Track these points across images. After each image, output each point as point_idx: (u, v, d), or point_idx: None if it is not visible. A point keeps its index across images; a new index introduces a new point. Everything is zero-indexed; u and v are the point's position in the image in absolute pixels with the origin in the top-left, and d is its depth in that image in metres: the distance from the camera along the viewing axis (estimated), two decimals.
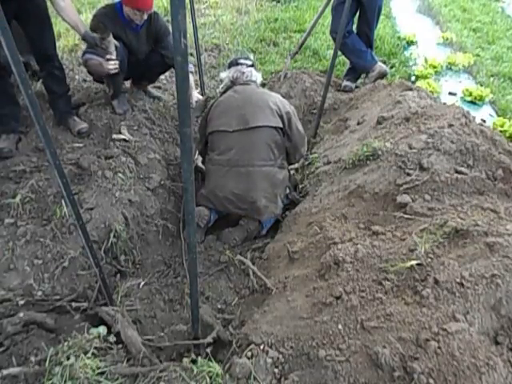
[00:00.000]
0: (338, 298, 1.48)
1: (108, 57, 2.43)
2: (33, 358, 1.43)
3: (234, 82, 2.66)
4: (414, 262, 1.46)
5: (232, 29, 5.32)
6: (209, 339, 1.55)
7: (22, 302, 1.67)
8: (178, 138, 3.12)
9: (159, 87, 3.57)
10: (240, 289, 2.11)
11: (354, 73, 3.87)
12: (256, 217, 2.45)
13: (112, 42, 2.43)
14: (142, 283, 2.09)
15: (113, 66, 2.48)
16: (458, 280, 1.32)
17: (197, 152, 3.00)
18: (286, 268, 1.99)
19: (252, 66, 2.74)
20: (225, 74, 2.75)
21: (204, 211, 2.46)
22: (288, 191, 2.60)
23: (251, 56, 4.58)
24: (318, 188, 2.43)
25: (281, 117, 2.46)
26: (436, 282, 1.35)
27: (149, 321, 1.91)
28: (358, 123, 2.84)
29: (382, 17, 4.03)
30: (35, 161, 2.40)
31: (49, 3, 2.32)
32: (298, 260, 1.94)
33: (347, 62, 3.98)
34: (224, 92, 2.68)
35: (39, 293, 1.76)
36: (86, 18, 5.13)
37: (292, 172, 2.87)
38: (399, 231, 1.74)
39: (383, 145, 2.19)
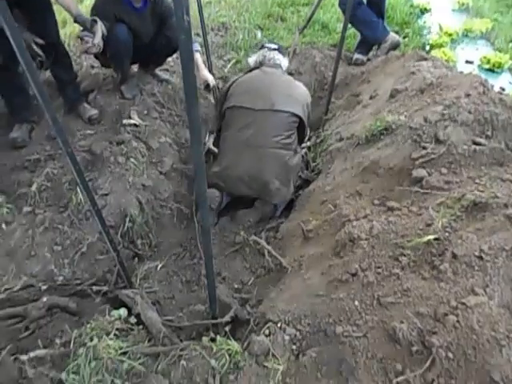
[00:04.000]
0: (353, 274, 1.47)
1: (87, 39, 2.33)
2: (58, 341, 1.48)
3: (261, 64, 2.69)
4: (431, 237, 1.43)
5: (238, 6, 5.18)
6: (227, 318, 1.58)
7: (44, 287, 1.72)
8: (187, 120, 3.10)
9: (167, 70, 3.51)
10: (256, 268, 2.13)
11: (366, 45, 3.74)
12: (267, 199, 2.44)
13: (99, 29, 2.34)
14: (160, 266, 2.14)
15: (89, 47, 2.35)
16: (476, 253, 1.29)
17: (207, 134, 2.98)
18: (300, 247, 1.99)
19: (277, 49, 2.76)
20: (252, 59, 2.80)
21: (215, 193, 2.46)
22: (300, 171, 2.58)
23: (259, 33, 4.50)
24: (331, 165, 2.40)
25: (303, 108, 2.49)
26: (454, 256, 1.33)
27: (168, 302, 1.95)
28: (371, 97, 2.76)
29: None
30: (49, 149, 2.42)
31: None
32: (313, 238, 1.94)
33: (358, 34, 3.85)
34: (249, 71, 2.69)
35: (60, 278, 1.81)
36: (90, 3, 5.07)
37: (304, 150, 2.84)
38: (415, 206, 1.71)
39: (397, 118, 2.13)
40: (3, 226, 1.99)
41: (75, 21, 2.34)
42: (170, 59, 3.45)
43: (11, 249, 1.87)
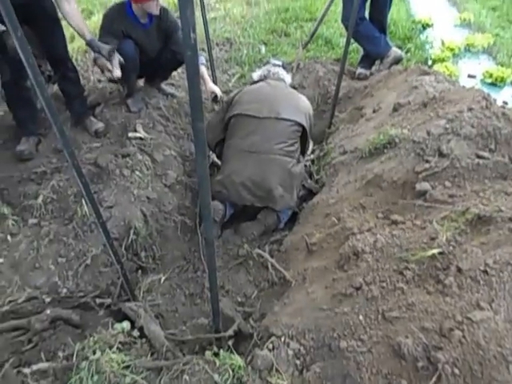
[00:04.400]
0: (358, 288, 1.47)
1: (109, 68, 2.38)
2: (60, 354, 1.48)
3: (265, 78, 2.77)
4: (435, 251, 1.43)
5: (243, 21, 5.28)
6: (230, 332, 1.57)
7: (48, 300, 1.73)
8: (192, 134, 3.13)
9: (172, 84, 3.57)
10: (259, 282, 2.12)
11: (368, 60, 3.79)
12: (271, 205, 2.44)
13: (117, 60, 2.39)
14: (163, 278, 2.13)
15: (112, 76, 2.43)
16: (481, 268, 1.29)
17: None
18: (304, 260, 1.98)
19: (281, 66, 2.87)
20: (257, 73, 2.89)
21: (218, 205, 2.47)
22: (304, 181, 2.60)
23: (263, 48, 4.57)
24: (335, 178, 2.41)
25: (306, 118, 2.56)
26: (459, 270, 1.32)
27: (171, 315, 1.94)
28: (374, 111, 2.79)
29: (395, 0, 3.93)
30: (55, 162, 2.45)
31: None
32: (317, 252, 1.93)
33: (361, 49, 3.90)
34: (254, 82, 2.78)
35: (64, 290, 1.81)
36: (98, 19, 5.19)
37: (308, 163, 2.85)
38: (419, 220, 1.71)
39: (400, 132, 2.15)
40: (8, 237, 2.00)
41: (88, 44, 2.36)
42: (175, 73, 3.52)
43: (16, 261, 1.88)
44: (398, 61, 3.60)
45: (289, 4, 5.81)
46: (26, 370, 1.32)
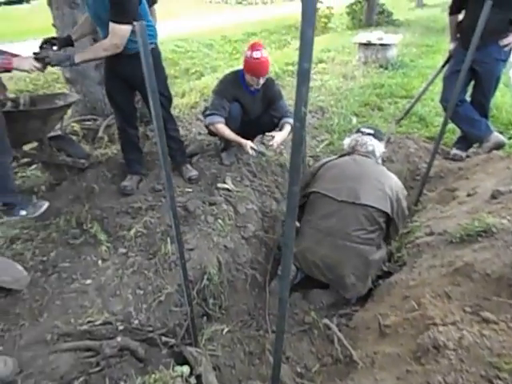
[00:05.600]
0: None
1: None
2: None
3: (353, 149, 2.67)
4: None
5: (337, 93, 5.53)
6: None
7: (121, 328, 1.82)
8: (276, 192, 3.24)
9: (263, 143, 3.80)
10: (322, 355, 2.01)
11: (466, 142, 3.65)
12: (340, 291, 2.35)
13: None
14: (226, 330, 2.13)
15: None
16: None
17: None
18: (375, 342, 1.84)
19: (372, 134, 2.72)
20: (346, 141, 2.81)
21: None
22: (382, 264, 2.44)
23: (354, 119, 4.69)
24: (418, 260, 2.26)
25: (391, 203, 2.37)
26: None
27: (228, 370, 1.91)
28: (468, 195, 2.63)
29: (499, 85, 3.82)
30: (150, 200, 2.70)
31: None
32: (390, 335, 1.79)
33: (457, 129, 3.79)
34: (341, 156, 2.71)
35: (136, 321, 1.90)
36: (207, 79, 5.86)
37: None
38: None
39: (499, 221, 1.98)
40: (99, 262, 2.21)
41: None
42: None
43: (101, 284, 2.05)
44: (499, 146, 3.41)
45: (385, 81, 5.98)
46: None
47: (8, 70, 2.09)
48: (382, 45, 6.74)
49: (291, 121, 3.35)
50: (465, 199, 2.61)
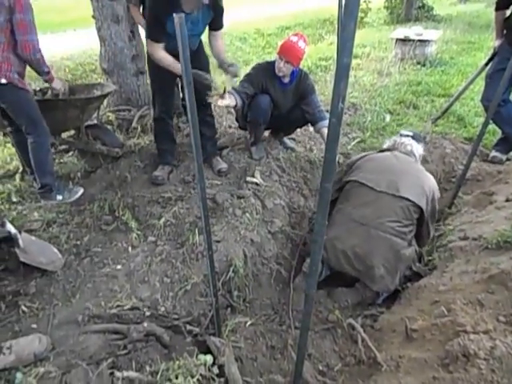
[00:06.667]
0: None
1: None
2: (147, 368, 1.57)
3: (393, 148, 2.68)
4: None
5: (371, 90, 5.39)
6: None
7: (148, 313, 1.87)
8: (304, 188, 3.22)
9: (293, 139, 3.78)
10: (345, 355, 1.98)
11: (506, 144, 3.48)
12: (367, 283, 2.30)
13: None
14: (249, 322, 2.14)
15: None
16: None
17: None
18: (400, 346, 1.80)
19: (411, 136, 2.72)
20: (386, 142, 2.84)
21: None
22: (412, 264, 2.39)
23: (388, 117, 4.57)
24: (450, 264, 2.19)
25: (427, 202, 2.36)
26: None
27: (249, 362, 1.92)
28: (507, 200, 2.51)
29: None
30: (180, 191, 2.75)
31: None
32: (417, 340, 1.75)
33: (498, 131, 3.62)
34: (381, 151, 2.71)
35: (162, 308, 1.95)
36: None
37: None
38: None
39: None
40: (130, 248, 2.27)
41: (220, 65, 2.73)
42: (298, 130, 3.72)
43: (130, 271, 2.11)
44: None
45: (422, 78, 5.77)
46: (118, 374, 1.43)
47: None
48: (420, 41, 6.50)
49: (327, 123, 3.29)
50: (503, 204, 2.50)
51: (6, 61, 2.24)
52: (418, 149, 2.68)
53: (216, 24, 2.64)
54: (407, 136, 2.71)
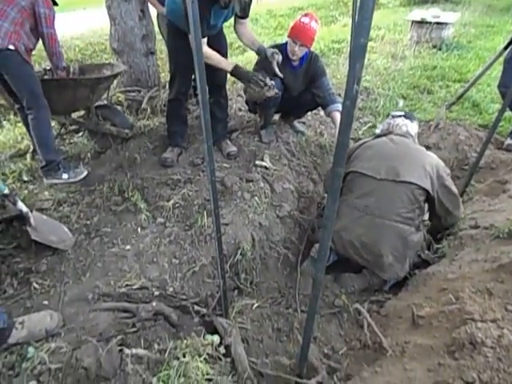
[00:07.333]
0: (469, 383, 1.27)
1: (269, 84, 2.58)
2: (156, 346, 1.60)
3: (388, 131, 2.59)
4: None
5: (384, 74, 5.28)
6: (313, 382, 1.50)
7: (156, 293, 1.90)
8: (313, 173, 3.20)
9: (304, 122, 3.73)
10: (351, 339, 1.99)
11: None
12: (377, 272, 2.30)
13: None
14: (256, 305, 2.16)
15: (272, 93, 2.62)
16: None
17: None
18: (406, 331, 1.81)
19: (403, 116, 2.63)
20: (379, 127, 2.78)
21: None
22: (420, 250, 2.37)
23: (401, 102, 4.48)
24: (459, 252, 2.17)
25: (431, 181, 2.27)
26: None
27: (255, 344, 1.95)
28: None
29: None
30: (189, 173, 2.74)
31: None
32: (423, 327, 1.75)
33: None
34: (377, 137, 2.63)
35: (171, 289, 1.97)
36: (250, 55, 5.77)
37: (426, 228, 2.63)
38: None
39: None
40: (139, 229, 2.29)
41: (257, 52, 2.82)
42: (308, 113, 3.67)
43: (139, 251, 2.13)
44: None
45: (437, 62, 5.63)
46: (127, 351, 1.47)
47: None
48: (437, 23, 6.32)
49: (340, 107, 3.22)
50: None
51: (17, 33, 2.35)
52: (413, 128, 2.59)
53: (245, 13, 2.64)
54: (399, 116, 2.62)
